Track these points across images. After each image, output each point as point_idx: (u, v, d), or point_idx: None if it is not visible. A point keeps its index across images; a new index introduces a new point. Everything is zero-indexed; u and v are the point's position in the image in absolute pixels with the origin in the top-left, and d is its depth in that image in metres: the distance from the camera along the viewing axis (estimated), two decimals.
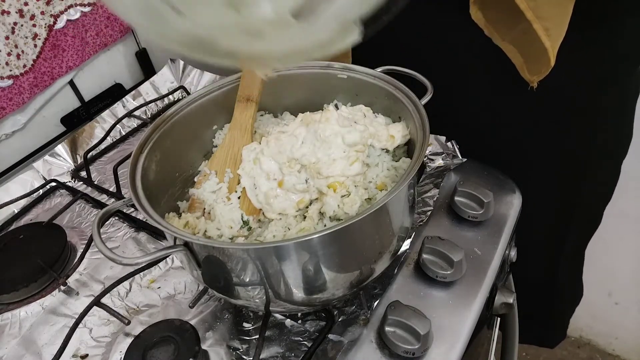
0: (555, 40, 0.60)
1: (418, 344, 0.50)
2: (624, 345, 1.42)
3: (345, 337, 0.54)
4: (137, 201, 0.49)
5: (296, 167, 0.54)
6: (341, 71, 0.62)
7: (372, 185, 0.55)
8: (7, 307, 0.64)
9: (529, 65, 0.64)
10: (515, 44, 0.64)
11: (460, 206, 0.63)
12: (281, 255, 0.46)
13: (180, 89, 0.97)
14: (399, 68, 0.61)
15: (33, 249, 0.68)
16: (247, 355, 0.54)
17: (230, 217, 0.55)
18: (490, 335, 0.74)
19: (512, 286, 0.81)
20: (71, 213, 0.76)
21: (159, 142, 0.58)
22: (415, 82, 0.59)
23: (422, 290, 0.57)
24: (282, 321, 0.57)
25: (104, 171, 0.84)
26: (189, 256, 0.49)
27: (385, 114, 0.61)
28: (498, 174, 0.70)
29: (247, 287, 0.50)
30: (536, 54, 0.61)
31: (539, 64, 0.63)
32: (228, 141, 0.60)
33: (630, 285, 1.28)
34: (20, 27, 0.81)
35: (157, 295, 0.62)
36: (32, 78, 0.85)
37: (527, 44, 0.62)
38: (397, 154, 0.60)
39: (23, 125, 0.87)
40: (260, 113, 0.66)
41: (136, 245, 0.69)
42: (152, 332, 0.53)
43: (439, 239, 0.58)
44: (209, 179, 0.58)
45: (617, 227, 1.15)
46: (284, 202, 0.54)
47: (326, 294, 0.50)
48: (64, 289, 0.64)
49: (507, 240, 0.63)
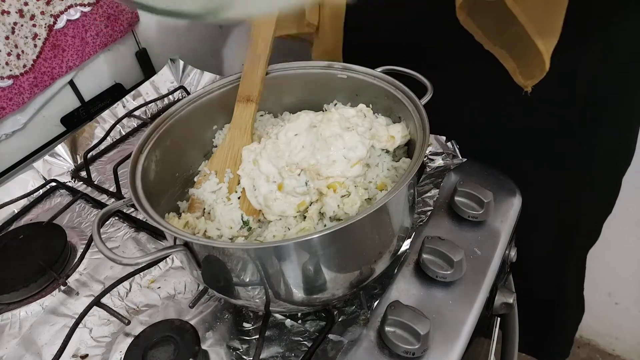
0: (549, 43, 0.58)
1: (418, 344, 0.50)
2: (624, 345, 1.42)
3: (345, 337, 0.54)
4: (137, 201, 0.49)
5: (296, 171, 0.54)
6: (341, 71, 0.62)
7: (372, 186, 0.55)
8: (7, 307, 0.64)
9: (522, 69, 0.63)
10: (507, 49, 0.63)
11: (460, 206, 0.63)
12: (281, 255, 0.46)
13: (180, 89, 0.97)
14: (399, 68, 0.61)
15: (33, 249, 0.68)
16: (247, 355, 0.54)
17: (230, 217, 0.55)
18: (490, 336, 0.74)
19: (512, 286, 0.81)
20: (71, 213, 0.76)
21: (159, 142, 0.58)
22: (415, 82, 0.59)
23: (422, 290, 0.57)
24: (282, 321, 0.57)
25: (104, 171, 0.84)
26: (189, 256, 0.49)
27: (385, 114, 0.61)
28: (498, 174, 0.70)
29: (247, 287, 0.50)
30: (529, 57, 0.60)
31: (533, 67, 0.61)
32: (228, 141, 0.60)
33: (630, 285, 1.28)
34: (20, 27, 0.81)
35: (157, 295, 0.62)
36: (32, 78, 0.85)
37: (519, 47, 0.61)
38: (397, 154, 0.60)
39: (23, 125, 0.87)
40: (260, 113, 0.66)
41: (136, 245, 0.69)
42: (152, 332, 0.53)
43: (439, 239, 0.58)
44: (209, 179, 0.58)
45: (618, 228, 1.15)
46: (283, 205, 0.54)
47: (326, 294, 0.50)
48: (64, 289, 0.64)
49: (507, 240, 0.63)
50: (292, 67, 0.64)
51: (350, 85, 0.62)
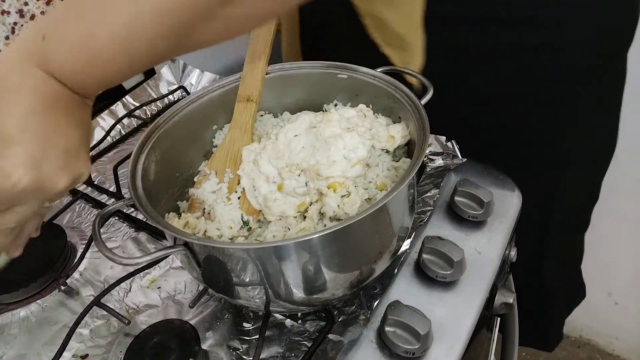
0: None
1: (418, 344, 0.50)
2: (624, 345, 1.42)
3: (345, 337, 0.54)
4: (137, 201, 0.49)
5: (296, 172, 0.54)
6: (341, 71, 0.62)
7: (372, 186, 0.55)
8: (7, 307, 0.64)
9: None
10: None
11: (460, 206, 0.63)
12: (281, 255, 0.46)
13: (180, 89, 0.97)
14: (399, 68, 0.61)
15: (33, 249, 0.67)
16: (247, 355, 0.54)
17: (230, 217, 0.55)
18: (490, 336, 0.74)
19: (512, 286, 0.81)
20: (71, 213, 0.76)
21: (159, 142, 0.58)
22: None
23: (422, 290, 0.57)
24: (282, 321, 0.57)
25: (104, 171, 0.83)
26: (189, 256, 0.49)
27: (385, 114, 0.61)
28: (498, 174, 0.70)
29: (247, 287, 0.50)
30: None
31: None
32: (228, 141, 0.60)
33: (630, 285, 1.29)
34: (20, 27, 0.81)
35: (157, 295, 0.62)
36: None
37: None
38: (397, 154, 0.60)
39: None
40: (260, 113, 0.66)
41: (136, 245, 0.69)
42: (152, 332, 0.53)
43: (439, 239, 0.58)
44: (209, 179, 0.58)
45: (617, 227, 1.15)
46: (283, 205, 0.54)
47: (326, 294, 0.50)
48: (64, 289, 0.64)
49: (507, 240, 0.63)
50: (292, 67, 0.64)
51: (350, 85, 0.62)
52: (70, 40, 0.36)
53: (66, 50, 0.36)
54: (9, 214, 0.41)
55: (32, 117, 0.36)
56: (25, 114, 0.36)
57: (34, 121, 0.36)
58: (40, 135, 0.36)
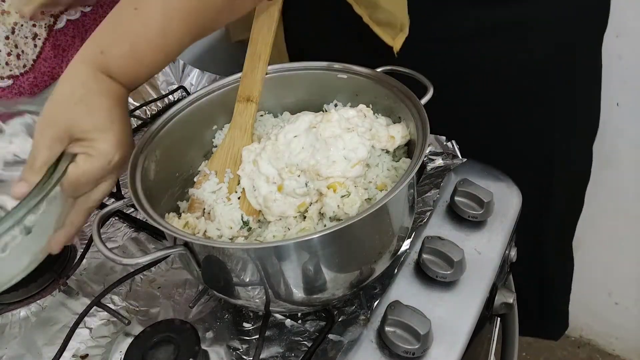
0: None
1: (418, 344, 0.50)
2: (624, 345, 1.42)
3: (345, 337, 0.54)
4: (137, 201, 0.49)
5: (296, 172, 0.54)
6: (341, 71, 0.62)
7: (372, 186, 0.55)
8: (7, 307, 0.64)
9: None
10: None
11: (460, 206, 0.63)
12: (281, 255, 0.46)
13: (180, 89, 0.96)
14: (399, 68, 0.61)
15: None
16: (247, 355, 0.54)
17: (230, 218, 0.55)
18: (490, 336, 0.74)
19: (512, 286, 0.81)
20: None
21: (159, 142, 0.58)
22: (415, 82, 0.59)
23: (422, 290, 0.57)
24: (282, 321, 0.57)
25: None
26: (189, 256, 0.49)
27: (385, 114, 0.61)
28: (498, 174, 0.70)
29: (247, 287, 0.50)
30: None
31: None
32: (228, 141, 0.60)
33: (630, 285, 1.28)
34: (20, 27, 0.81)
35: (157, 295, 0.62)
36: (32, 78, 0.85)
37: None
38: (397, 155, 0.60)
39: None
40: (260, 113, 0.66)
41: (136, 245, 0.69)
42: (152, 332, 0.53)
43: (439, 239, 0.58)
44: (209, 179, 0.58)
45: (617, 227, 1.15)
46: (283, 206, 0.54)
47: (326, 294, 0.50)
48: (64, 289, 0.64)
49: (507, 240, 0.63)
50: (292, 67, 0.64)
51: (350, 86, 0.62)
52: (121, 54, 0.50)
53: (120, 60, 0.50)
54: (95, 192, 0.51)
55: (115, 111, 0.49)
56: (110, 110, 0.49)
57: (116, 114, 0.49)
58: (122, 124, 0.50)
